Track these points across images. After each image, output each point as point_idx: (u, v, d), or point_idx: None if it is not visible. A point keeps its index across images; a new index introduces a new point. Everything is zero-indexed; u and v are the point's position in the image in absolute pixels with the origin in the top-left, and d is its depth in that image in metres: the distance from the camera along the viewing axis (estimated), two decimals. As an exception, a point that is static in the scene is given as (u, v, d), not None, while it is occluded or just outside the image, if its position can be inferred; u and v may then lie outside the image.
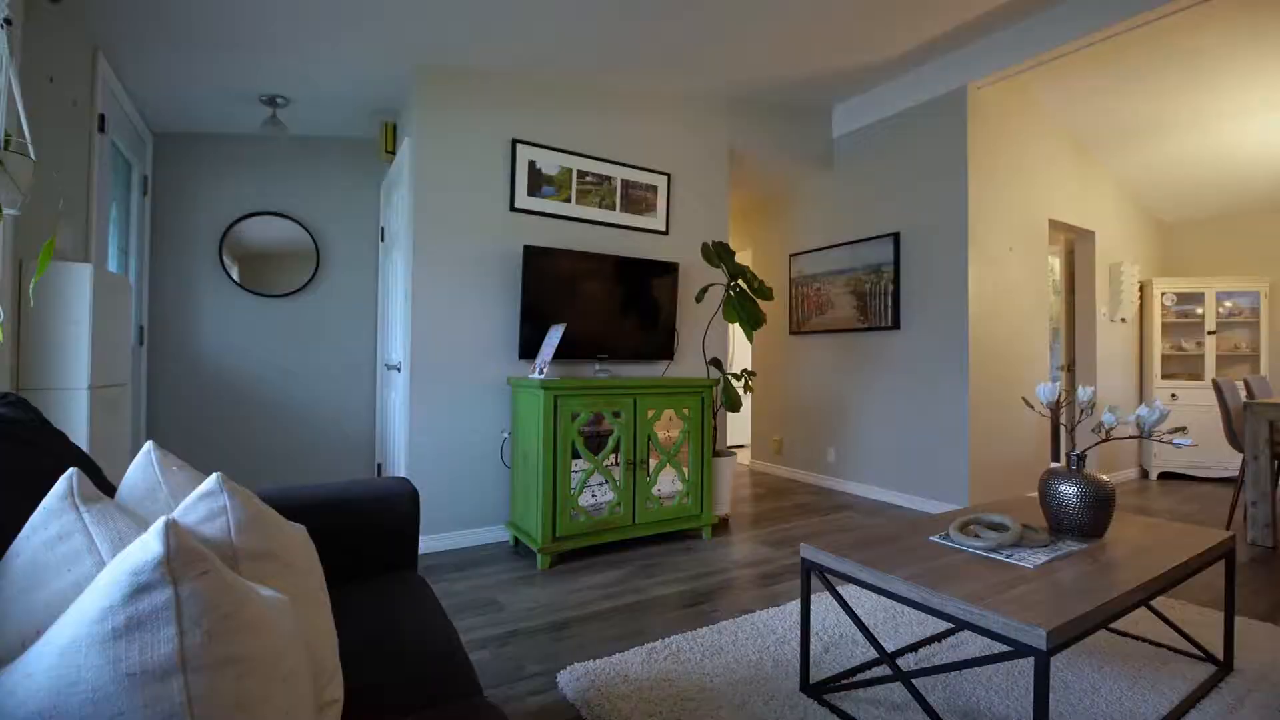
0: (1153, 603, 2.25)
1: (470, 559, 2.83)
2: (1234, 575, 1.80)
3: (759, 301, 3.46)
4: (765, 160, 4.29)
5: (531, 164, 3.23)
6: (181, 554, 0.51)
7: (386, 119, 3.59)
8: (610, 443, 2.91)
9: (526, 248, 3.06)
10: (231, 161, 3.66)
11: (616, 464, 2.96)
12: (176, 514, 0.75)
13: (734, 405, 3.45)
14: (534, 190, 3.24)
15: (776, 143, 4.21)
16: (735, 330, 6.13)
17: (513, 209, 3.18)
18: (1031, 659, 1.63)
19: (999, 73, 3.48)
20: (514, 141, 3.17)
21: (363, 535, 1.41)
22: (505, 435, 3.14)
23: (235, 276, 3.63)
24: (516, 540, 3.02)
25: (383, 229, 3.87)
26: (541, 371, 2.87)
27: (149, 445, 0.99)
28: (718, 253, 3.40)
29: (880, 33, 3.28)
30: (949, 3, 3.01)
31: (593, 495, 2.92)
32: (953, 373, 3.69)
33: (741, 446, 6.49)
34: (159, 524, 0.51)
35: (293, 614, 0.66)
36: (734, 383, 3.58)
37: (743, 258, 5.62)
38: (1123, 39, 3.16)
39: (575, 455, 2.83)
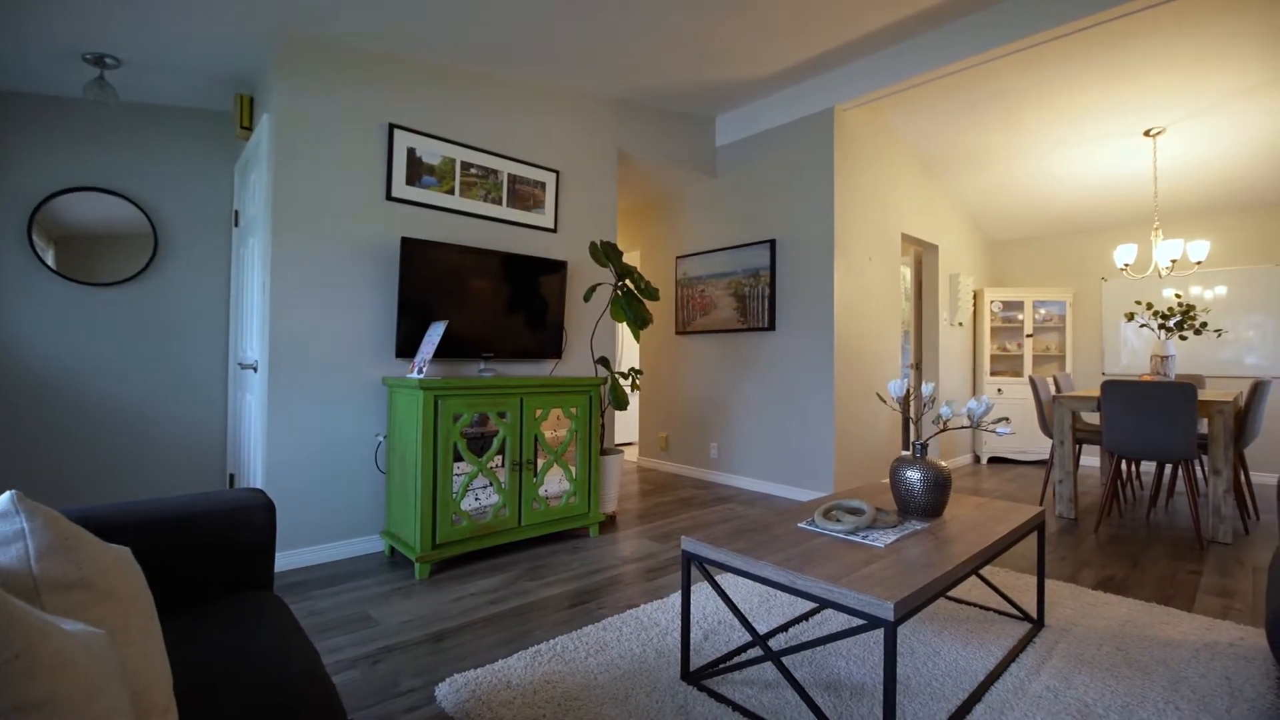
0: (982, 571, 2.58)
1: (340, 573, 2.63)
2: (1044, 544, 2.09)
3: (646, 302, 3.53)
4: (653, 164, 4.38)
5: (411, 151, 3.06)
6: (-47, 589, 0.43)
7: (242, 91, 3.25)
8: (495, 444, 2.83)
9: (405, 240, 2.90)
10: (46, 127, 3.12)
11: (502, 465, 2.89)
12: (-46, 542, 0.63)
13: (621, 404, 3.50)
14: (413, 179, 3.08)
15: (664, 147, 4.31)
16: (623, 329, 6.21)
17: (389, 198, 3.00)
18: (882, 630, 1.81)
19: (860, 97, 3.80)
20: (391, 126, 2.99)
21: (209, 554, 1.26)
22: (380, 439, 2.96)
23: (50, 261, 3.11)
24: (393, 550, 2.86)
25: (237, 212, 3.50)
26: (421, 371, 2.74)
27: (-81, 461, 0.82)
28: (606, 252, 3.42)
29: (755, 52, 3.46)
30: (813, 29, 3.25)
31: (476, 498, 2.83)
32: (821, 371, 3.98)
33: (629, 444, 6.59)
34: (-79, 555, 0.43)
35: (110, 649, 0.58)
36: (621, 381, 3.63)
37: (631, 258, 5.70)
38: (958, 76, 3.58)
39: (458, 458, 2.73)
